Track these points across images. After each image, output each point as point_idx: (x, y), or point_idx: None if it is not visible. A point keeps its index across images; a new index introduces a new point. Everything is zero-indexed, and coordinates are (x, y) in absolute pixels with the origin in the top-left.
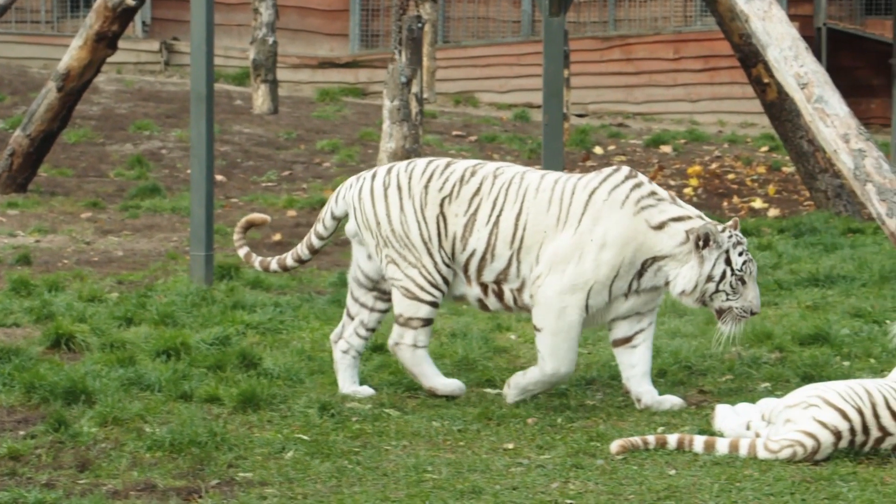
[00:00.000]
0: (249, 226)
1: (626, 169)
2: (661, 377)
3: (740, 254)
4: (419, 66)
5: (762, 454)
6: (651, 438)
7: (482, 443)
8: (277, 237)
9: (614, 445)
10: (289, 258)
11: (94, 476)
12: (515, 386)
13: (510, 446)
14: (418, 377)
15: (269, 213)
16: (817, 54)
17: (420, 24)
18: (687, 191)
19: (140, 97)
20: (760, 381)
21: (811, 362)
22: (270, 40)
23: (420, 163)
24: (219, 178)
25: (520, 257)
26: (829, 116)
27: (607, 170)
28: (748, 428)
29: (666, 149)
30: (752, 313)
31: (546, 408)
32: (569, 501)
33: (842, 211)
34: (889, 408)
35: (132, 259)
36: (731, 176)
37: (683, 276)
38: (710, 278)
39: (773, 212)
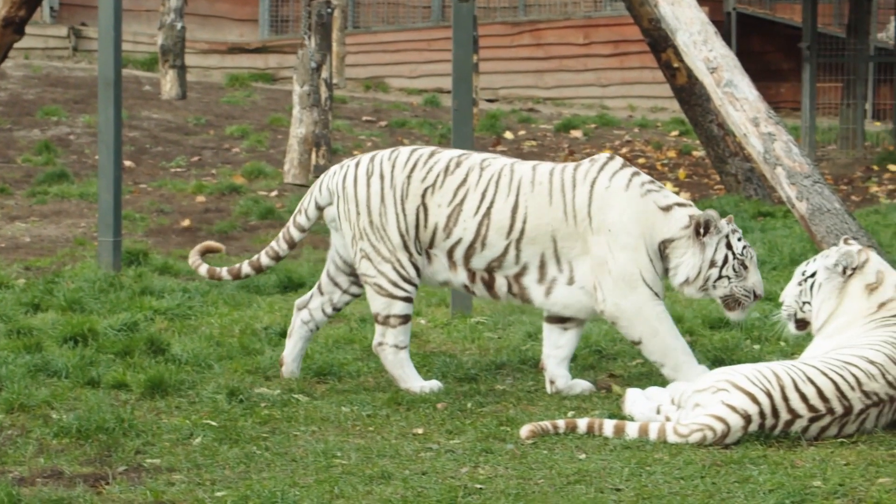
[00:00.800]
0: (206, 251)
1: (618, 158)
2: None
3: (739, 239)
4: (329, 52)
5: (672, 438)
6: (561, 423)
7: (392, 428)
8: (186, 223)
9: (524, 430)
10: (263, 257)
11: (0, 463)
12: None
13: (420, 431)
14: (398, 379)
15: (177, 199)
16: (727, 39)
17: (330, 10)
18: None
19: (48, 83)
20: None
21: (721, 346)
22: (178, 26)
23: (404, 151)
24: (127, 163)
25: (520, 246)
26: (738, 100)
27: (600, 157)
28: (658, 412)
29: (576, 133)
30: (757, 296)
31: (456, 393)
32: (479, 486)
33: (752, 195)
34: (798, 390)
35: (39, 245)
36: (641, 160)
37: (686, 263)
38: (713, 263)
39: (684, 196)
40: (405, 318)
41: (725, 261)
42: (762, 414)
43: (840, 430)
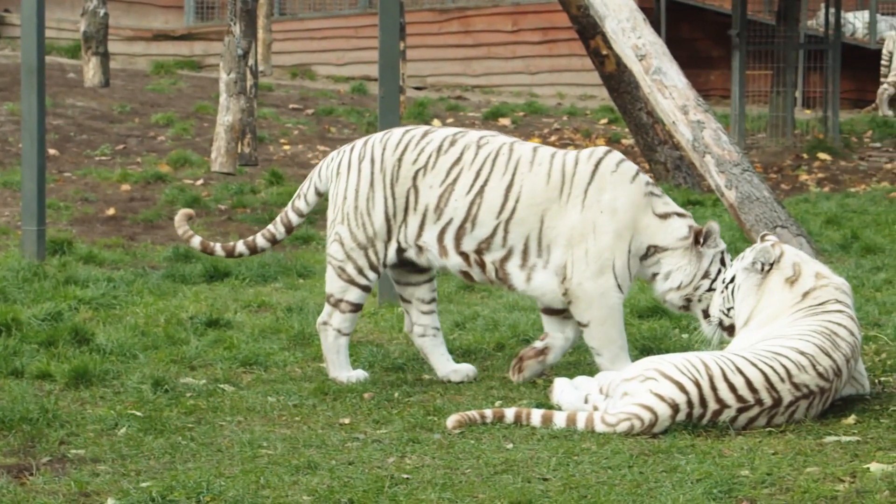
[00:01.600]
0: (189, 217)
1: (618, 153)
2: (500, 350)
3: (730, 258)
4: (254, 39)
5: (600, 427)
6: (488, 412)
7: (318, 418)
8: (111, 212)
9: (450, 420)
10: (259, 238)
11: None
12: None
13: (346, 421)
14: (329, 363)
15: (102, 188)
16: (656, 26)
17: None
18: None
19: None
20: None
21: (650, 335)
22: (101, 12)
23: (396, 133)
24: (51, 151)
25: (508, 227)
26: (667, 88)
27: (602, 148)
28: (586, 401)
29: (505, 121)
30: None
31: (383, 383)
32: (405, 476)
33: (681, 183)
34: (727, 380)
35: None
36: (570, 148)
37: (682, 269)
38: (706, 275)
39: None
40: (357, 307)
41: (717, 275)
42: (690, 403)
43: (769, 422)
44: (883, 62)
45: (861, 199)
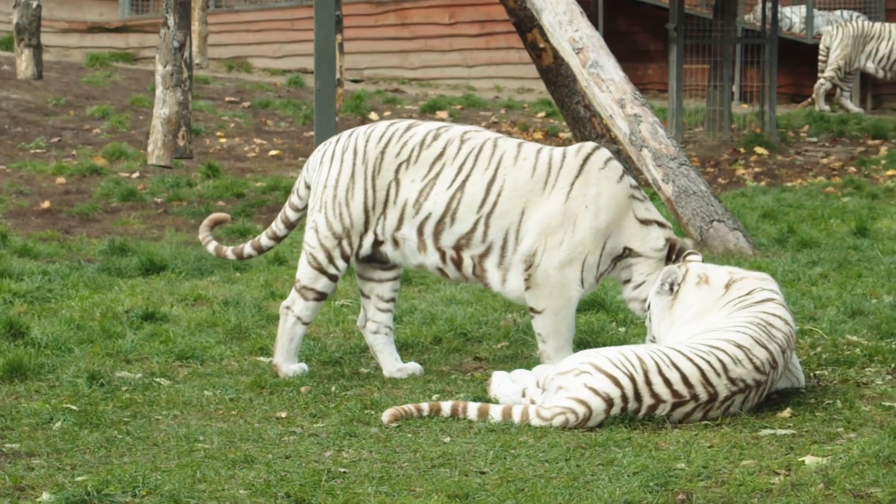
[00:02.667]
0: (215, 224)
1: (608, 151)
2: (437, 344)
3: None
4: (190, 31)
5: (535, 421)
6: (425, 406)
7: (255, 412)
8: (46, 204)
9: (387, 414)
10: (263, 238)
11: None
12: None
13: (283, 415)
14: (278, 347)
15: (37, 181)
16: (594, 19)
17: None
18: None
19: None
20: (535, 348)
21: (587, 328)
22: (34, 4)
23: (380, 126)
24: None
25: (489, 222)
26: (604, 81)
27: (592, 143)
28: (524, 395)
29: (442, 115)
30: None
31: (320, 376)
32: (342, 470)
33: None
34: (662, 375)
35: None
36: None
37: (651, 283)
38: None
39: None
40: (322, 296)
41: None
42: (624, 397)
43: (704, 416)
44: (820, 57)
45: (797, 194)
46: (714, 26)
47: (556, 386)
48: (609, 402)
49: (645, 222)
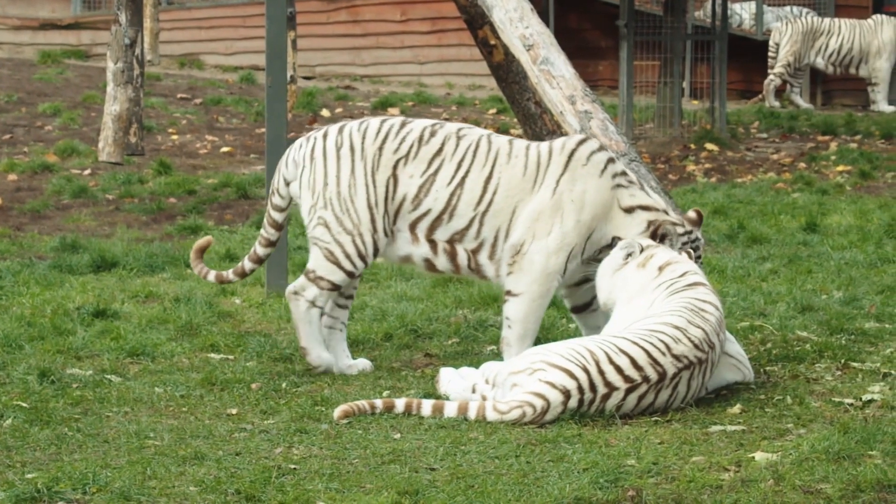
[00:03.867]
0: (202, 251)
1: (594, 140)
2: (388, 341)
3: (695, 249)
4: (142, 28)
5: (491, 416)
6: (378, 402)
7: (205, 408)
8: None
9: (337, 411)
10: (258, 247)
11: None
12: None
13: (234, 412)
14: (300, 332)
15: None
16: (545, 16)
17: None
18: None
19: None
20: (486, 344)
21: None
22: None
23: (373, 122)
24: None
25: (483, 220)
26: (554, 78)
27: (577, 136)
28: (474, 391)
29: (394, 111)
30: None
31: (270, 373)
32: (293, 466)
33: None
34: (613, 363)
35: None
36: None
37: None
38: None
39: None
40: (336, 287)
41: None
42: (580, 389)
43: (656, 397)
44: (770, 54)
45: (747, 190)
46: (664, 23)
47: (510, 384)
48: (566, 394)
49: (629, 210)
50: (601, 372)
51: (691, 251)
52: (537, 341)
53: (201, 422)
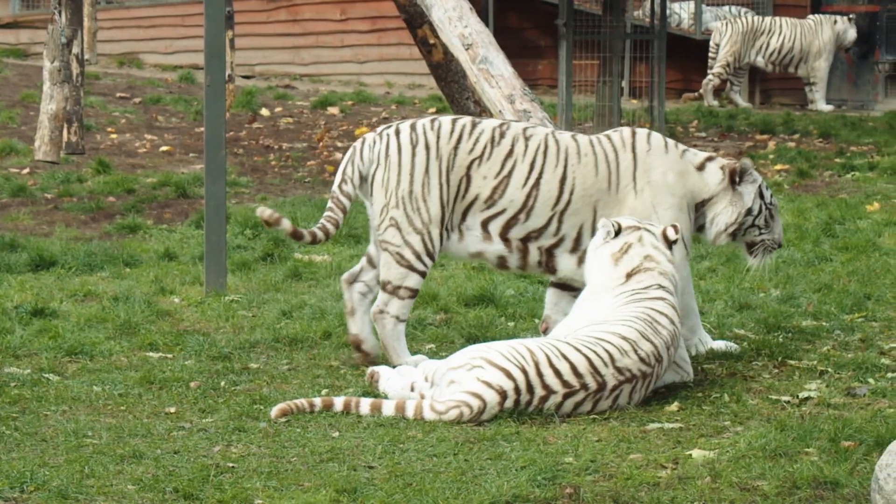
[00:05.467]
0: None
1: (642, 129)
2: (326, 339)
3: (767, 188)
4: (80, 27)
5: (429, 415)
6: (317, 401)
7: (144, 407)
8: None
9: (274, 410)
10: (329, 226)
11: None
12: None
13: (172, 410)
14: (389, 351)
15: None
16: (484, 15)
17: None
18: None
19: None
20: (426, 343)
21: (476, 323)
22: None
23: (446, 121)
24: None
25: (563, 218)
26: (494, 77)
27: (625, 128)
28: (412, 389)
29: (333, 110)
30: (779, 245)
31: (209, 372)
32: (231, 465)
33: None
34: (552, 366)
35: None
36: None
37: (725, 212)
38: (749, 212)
39: None
40: (414, 293)
41: (759, 210)
42: (517, 390)
43: (594, 406)
44: (710, 54)
45: None
46: (603, 22)
47: (448, 380)
48: (503, 394)
49: (700, 167)
50: (540, 374)
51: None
52: (476, 340)
53: (140, 420)
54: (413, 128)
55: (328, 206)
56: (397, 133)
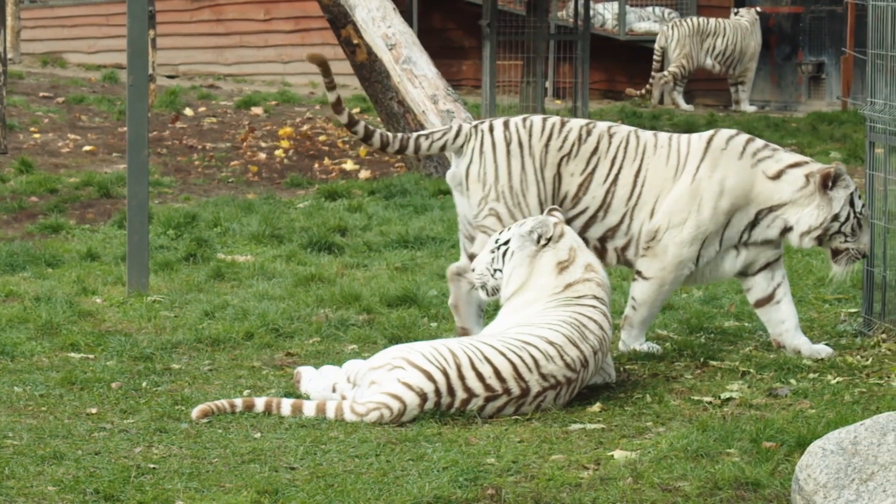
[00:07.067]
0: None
1: (741, 132)
2: (249, 340)
3: (859, 197)
4: (3, 26)
5: (349, 417)
6: (238, 402)
7: (65, 408)
8: None
9: (195, 411)
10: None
11: None
12: (626, 343)
13: (93, 411)
14: (461, 313)
15: None
16: (408, 16)
17: None
18: (278, 153)
19: None
20: (348, 343)
21: (399, 323)
22: None
23: (537, 119)
24: None
25: (633, 214)
26: (417, 77)
27: (724, 130)
28: (334, 390)
29: (257, 110)
30: (864, 255)
31: (131, 372)
32: (152, 465)
33: (432, 173)
34: (475, 369)
35: None
36: (322, 137)
37: (809, 214)
38: (835, 218)
39: (364, 173)
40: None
41: (847, 218)
42: (438, 392)
43: (516, 411)
44: (655, 57)
45: None
46: (527, 23)
47: (368, 381)
48: (423, 396)
49: (777, 176)
50: (461, 377)
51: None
52: (398, 340)
53: (60, 421)
54: (506, 126)
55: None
56: (491, 130)
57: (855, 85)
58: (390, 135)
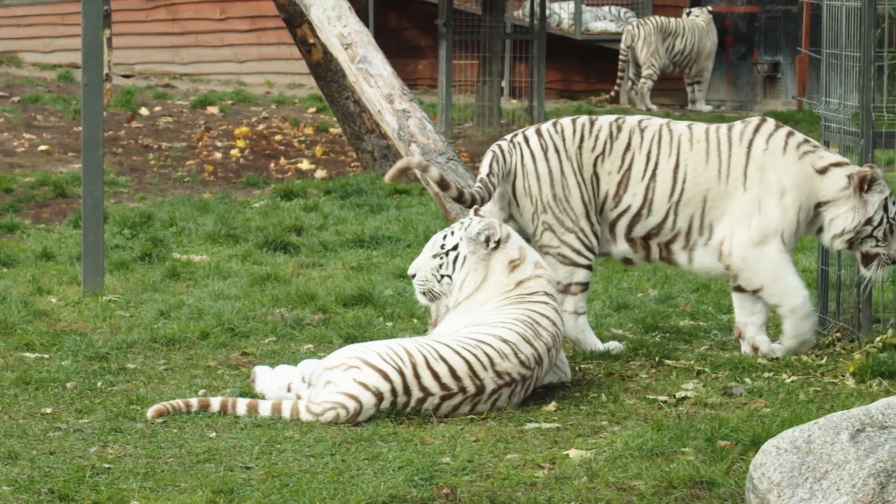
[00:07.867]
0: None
1: (771, 120)
2: (204, 339)
3: (893, 203)
4: None
5: (305, 416)
6: (194, 401)
7: (19, 408)
8: None
9: (151, 410)
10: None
11: None
12: (787, 350)
13: (48, 411)
14: (581, 343)
15: None
16: (363, 15)
17: None
18: (234, 152)
19: None
20: (303, 343)
21: (354, 323)
22: None
23: (566, 122)
24: None
25: (677, 210)
26: (373, 77)
27: (753, 120)
28: (289, 390)
29: (213, 110)
30: (894, 262)
31: (86, 372)
32: (107, 465)
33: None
34: (430, 368)
35: None
36: (278, 137)
37: (845, 216)
38: (868, 221)
39: (321, 173)
40: (585, 286)
41: (880, 222)
42: (394, 392)
43: (472, 409)
44: (621, 57)
45: None
46: (483, 22)
47: (324, 381)
48: (379, 396)
49: (823, 171)
50: (417, 376)
51: None
52: (354, 340)
53: (15, 421)
54: (539, 133)
55: (477, 186)
56: (526, 141)
57: (810, 84)
58: (475, 194)
